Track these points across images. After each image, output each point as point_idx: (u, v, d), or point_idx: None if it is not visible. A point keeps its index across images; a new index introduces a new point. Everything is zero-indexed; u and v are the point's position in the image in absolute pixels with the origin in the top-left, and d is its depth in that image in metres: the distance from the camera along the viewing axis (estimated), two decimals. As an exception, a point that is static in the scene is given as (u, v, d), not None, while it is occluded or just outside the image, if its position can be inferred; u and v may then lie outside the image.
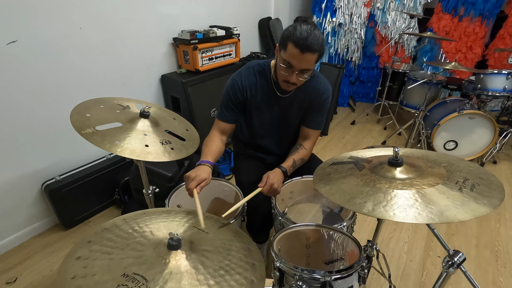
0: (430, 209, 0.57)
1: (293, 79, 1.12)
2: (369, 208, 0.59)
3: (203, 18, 2.54)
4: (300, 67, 1.09)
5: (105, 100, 1.11)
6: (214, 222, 0.93)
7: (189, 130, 1.18)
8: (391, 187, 0.64)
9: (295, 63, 1.08)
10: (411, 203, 0.59)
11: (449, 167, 0.70)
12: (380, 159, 0.78)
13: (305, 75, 1.12)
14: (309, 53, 1.04)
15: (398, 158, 0.70)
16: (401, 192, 0.62)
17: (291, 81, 1.13)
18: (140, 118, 1.04)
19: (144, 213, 0.89)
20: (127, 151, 0.89)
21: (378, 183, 0.67)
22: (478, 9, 3.29)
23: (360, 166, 0.76)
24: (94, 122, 0.95)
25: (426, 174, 0.67)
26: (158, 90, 2.37)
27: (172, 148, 1.01)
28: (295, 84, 1.16)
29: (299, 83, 1.17)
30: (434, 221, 0.53)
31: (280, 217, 1.13)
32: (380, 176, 0.70)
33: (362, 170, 0.74)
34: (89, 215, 2.02)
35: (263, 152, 1.51)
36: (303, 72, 1.11)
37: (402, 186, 0.64)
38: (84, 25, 1.76)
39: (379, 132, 3.32)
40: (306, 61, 1.07)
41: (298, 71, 1.10)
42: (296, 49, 1.04)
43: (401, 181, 0.66)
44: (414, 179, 0.66)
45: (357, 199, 0.63)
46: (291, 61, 1.08)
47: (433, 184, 0.63)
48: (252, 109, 1.35)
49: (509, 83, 2.44)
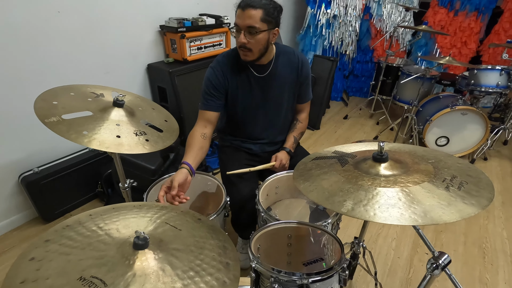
0: (414, 209, 0.52)
1: (241, 39, 1.13)
2: (348, 207, 0.55)
3: (192, 6, 2.44)
4: (244, 24, 1.11)
5: (76, 87, 1.04)
6: (190, 218, 0.88)
7: (168, 121, 1.11)
8: (373, 184, 0.60)
9: (239, 22, 1.12)
10: (394, 202, 0.54)
11: (437, 164, 0.65)
12: (365, 154, 0.73)
13: (254, 36, 1.13)
14: (250, 9, 1.09)
15: (383, 153, 0.65)
16: (384, 190, 0.58)
17: (239, 41, 1.14)
18: (114, 108, 0.97)
19: (114, 208, 0.83)
20: (95, 142, 0.83)
21: (361, 180, 0.62)
22: (474, 4, 3.24)
23: (343, 161, 0.71)
24: (61, 110, 0.88)
25: (412, 171, 0.63)
26: (145, 80, 2.28)
27: (147, 140, 0.94)
28: (248, 48, 1.16)
29: (252, 47, 1.16)
30: (417, 223, 0.49)
31: (263, 213, 1.08)
32: (363, 172, 0.65)
33: (345, 165, 0.69)
34: (70, 208, 1.95)
35: (250, 139, 1.47)
36: (250, 32, 1.12)
37: (386, 183, 0.60)
38: (62, 9, 1.67)
39: (371, 127, 3.28)
40: (248, 17, 1.10)
41: (245, 30, 1.13)
42: (239, 9, 1.12)
43: (385, 178, 0.62)
44: (399, 176, 0.61)
45: (337, 197, 0.58)
46: (236, 22, 1.13)
47: (418, 182, 0.58)
48: (233, 95, 1.34)
49: (503, 79, 2.41)
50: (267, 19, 1.13)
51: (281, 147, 1.46)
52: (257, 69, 1.31)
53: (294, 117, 1.51)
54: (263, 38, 1.17)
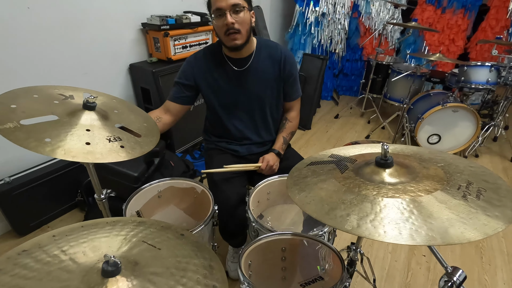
0: (430, 224, 0.44)
1: (229, 20, 1.07)
2: (353, 223, 0.46)
3: (176, 3, 2.34)
4: (228, 4, 1.05)
5: (41, 88, 0.92)
6: (171, 234, 0.78)
7: (147, 125, 1.01)
8: (380, 194, 0.52)
9: (222, 5, 1.06)
10: (406, 217, 0.47)
11: (447, 168, 0.58)
12: (366, 158, 0.66)
13: (240, 14, 1.08)
14: None
15: (387, 157, 0.58)
16: (392, 202, 0.50)
17: (229, 24, 1.07)
18: (84, 111, 0.87)
19: (82, 226, 0.73)
20: (59, 150, 0.72)
21: (364, 189, 0.54)
22: (461, 1, 3.25)
23: (342, 167, 0.64)
24: (20, 115, 0.77)
25: (421, 177, 0.55)
26: (127, 81, 2.16)
27: (122, 146, 0.84)
28: (237, 30, 1.09)
29: (241, 27, 1.10)
30: (437, 242, 0.41)
31: (254, 223, 0.99)
32: (366, 179, 0.57)
33: (345, 171, 0.61)
34: (47, 219, 1.81)
35: (236, 140, 1.39)
36: (235, 11, 1.07)
37: (394, 193, 0.52)
38: (32, 4, 1.53)
39: (363, 126, 3.24)
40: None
41: (230, 11, 1.06)
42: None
43: (391, 186, 0.54)
44: (408, 184, 0.53)
45: (338, 211, 0.50)
46: (218, 6, 1.06)
47: (430, 191, 0.51)
48: (209, 90, 1.28)
49: (492, 75, 2.40)
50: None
51: (270, 148, 1.38)
52: (236, 63, 1.24)
53: (283, 116, 1.43)
54: (247, 17, 1.12)
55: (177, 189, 1.26)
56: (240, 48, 1.17)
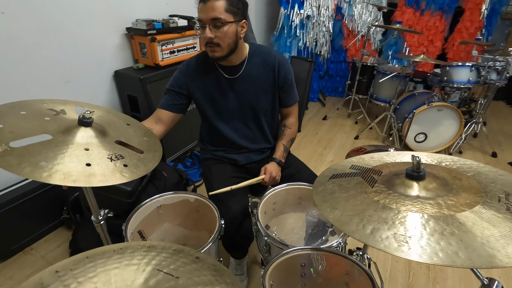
0: (481, 244, 0.42)
1: (206, 34, 1.05)
2: (404, 247, 0.43)
3: (161, 6, 2.25)
4: (208, 17, 1.03)
5: (29, 103, 0.84)
6: (185, 257, 0.72)
7: (148, 139, 0.94)
8: (422, 210, 0.49)
9: (202, 17, 1.04)
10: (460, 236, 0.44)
11: (479, 177, 0.57)
12: (391, 168, 0.64)
13: (220, 28, 1.04)
14: (212, 0, 1.01)
15: (419, 170, 0.56)
16: (436, 220, 0.47)
17: (206, 38, 1.05)
18: (80, 127, 0.79)
19: (87, 257, 0.66)
20: (58, 175, 0.64)
21: (402, 205, 0.51)
22: (438, 4, 3.38)
23: (369, 179, 0.61)
24: (8, 136, 0.68)
25: (457, 189, 0.53)
26: (112, 89, 2.05)
27: (125, 165, 0.77)
28: (216, 44, 1.07)
29: (220, 41, 1.07)
30: (499, 264, 0.39)
31: (266, 237, 0.95)
32: (400, 194, 0.55)
33: (375, 185, 0.58)
34: (30, 241, 1.68)
35: (233, 149, 1.34)
36: (215, 25, 1.04)
37: (438, 209, 0.49)
38: (6, 9, 1.41)
39: (350, 126, 3.28)
40: (211, 9, 1.01)
41: (209, 24, 1.04)
42: (201, 3, 1.04)
43: (430, 200, 0.51)
44: (447, 198, 0.51)
45: (383, 232, 0.46)
46: (199, 17, 1.05)
47: (472, 204, 0.49)
48: (201, 99, 1.24)
49: (473, 75, 2.50)
50: (232, 10, 1.04)
51: (270, 156, 1.35)
52: (228, 71, 1.20)
53: (281, 123, 1.40)
54: (230, 31, 1.07)
55: (178, 203, 1.20)
56: (222, 59, 1.14)
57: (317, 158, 2.65)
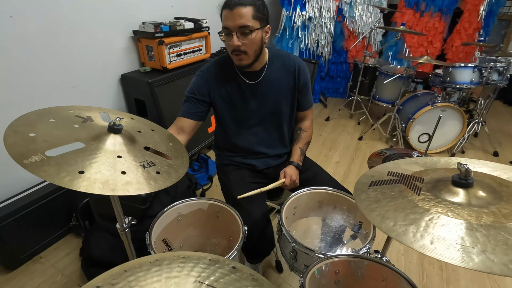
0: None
1: (234, 43, 1.03)
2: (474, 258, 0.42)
3: (166, 9, 2.23)
4: (236, 24, 1.01)
5: (55, 110, 0.82)
6: (222, 267, 0.71)
7: (174, 144, 0.93)
8: (479, 219, 0.49)
9: (230, 24, 1.01)
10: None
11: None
12: (431, 175, 0.64)
13: (248, 36, 1.03)
14: (240, 7, 0.99)
15: (468, 177, 0.56)
16: (498, 230, 0.47)
17: (234, 46, 1.04)
18: (109, 134, 0.77)
19: (125, 270, 0.64)
20: (97, 184, 0.63)
21: (456, 214, 0.51)
22: (437, 5, 3.42)
23: (413, 186, 0.61)
24: (43, 145, 0.66)
25: (507, 196, 0.53)
26: (118, 93, 2.02)
27: (157, 172, 0.76)
28: (243, 51, 1.06)
29: (247, 49, 1.06)
30: None
31: (294, 243, 0.94)
32: (449, 202, 0.54)
33: (420, 193, 0.58)
34: (39, 249, 1.64)
35: (251, 155, 1.33)
36: (243, 32, 1.02)
37: (493, 217, 0.49)
38: (15, 13, 1.38)
39: (353, 127, 3.30)
40: (239, 17, 0.99)
41: (237, 32, 1.02)
42: (226, 10, 1.01)
43: (484, 209, 0.51)
44: (500, 206, 0.51)
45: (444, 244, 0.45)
46: (226, 25, 1.02)
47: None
48: (222, 105, 1.22)
49: (475, 75, 2.54)
50: (258, 16, 1.03)
51: (287, 161, 1.34)
52: (249, 76, 1.19)
53: (296, 126, 1.40)
54: (257, 38, 1.06)
55: (198, 210, 1.18)
56: (248, 67, 1.13)
57: (323, 159, 2.66)
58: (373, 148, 2.87)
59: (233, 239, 1.21)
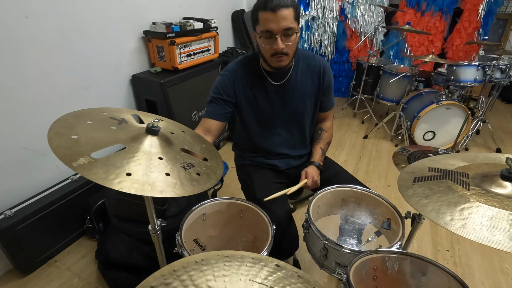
0: None
1: (279, 46, 1.01)
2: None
3: (175, 9, 2.23)
4: (280, 27, 0.98)
5: (89, 112, 0.81)
6: (268, 266, 0.71)
7: (206, 146, 0.93)
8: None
9: (273, 27, 0.98)
10: None
11: None
12: (475, 170, 0.65)
13: (291, 37, 1.02)
14: (283, 9, 0.96)
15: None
16: None
17: (278, 49, 1.02)
18: (147, 136, 0.77)
19: (174, 270, 0.64)
20: (146, 187, 0.62)
21: (511, 207, 0.52)
22: (438, 5, 3.46)
23: (460, 182, 0.62)
24: (86, 147, 0.66)
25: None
26: (129, 93, 2.01)
27: (198, 174, 0.76)
28: (285, 53, 1.05)
29: (289, 50, 1.05)
30: None
31: (326, 241, 0.95)
32: (505, 196, 0.55)
33: (470, 188, 0.59)
34: (53, 253, 1.62)
35: (274, 155, 1.34)
36: (287, 35, 1.01)
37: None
38: (31, 14, 1.36)
39: (358, 126, 3.33)
40: (283, 19, 0.97)
41: (281, 34, 1.00)
42: (268, 12, 0.97)
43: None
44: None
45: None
46: (269, 28, 0.99)
47: None
48: (247, 105, 1.22)
49: (479, 74, 2.58)
50: (297, 17, 1.04)
51: (308, 161, 1.35)
52: (274, 77, 1.19)
53: (317, 127, 1.41)
54: (297, 39, 1.07)
55: (223, 209, 1.18)
56: (284, 68, 1.14)
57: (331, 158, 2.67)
58: (379, 147, 2.90)
59: (258, 238, 1.21)
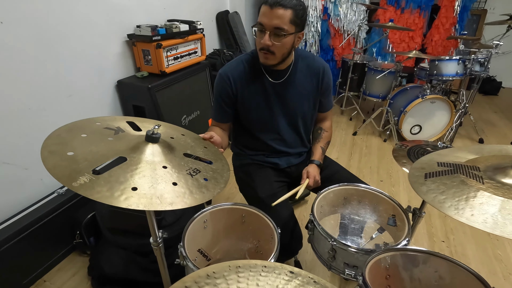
0: None
1: (265, 41, 1.01)
2: None
3: (159, 11, 2.16)
4: (271, 24, 0.98)
5: (82, 125, 0.75)
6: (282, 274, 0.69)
7: (208, 148, 0.89)
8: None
9: (265, 22, 0.99)
10: None
11: None
12: (484, 163, 0.65)
13: (280, 38, 1.01)
14: (279, 7, 0.96)
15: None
16: None
17: (262, 43, 1.02)
18: (147, 144, 0.72)
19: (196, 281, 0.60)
20: (153, 200, 0.58)
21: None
22: (416, 2, 3.57)
23: (473, 176, 0.62)
24: (85, 164, 0.60)
25: None
26: (114, 100, 1.92)
27: (205, 179, 0.72)
28: (271, 52, 1.04)
29: (276, 50, 1.04)
30: None
31: (334, 241, 0.93)
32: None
33: (484, 181, 0.59)
34: (42, 272, 1.52)
35: (274, 154, 1.32)
36: (276, 34, 1.00)
37: None
38: (5, 19, 1.27)
39: (346, 123, 3.36)
40: (276, 17, 0.97)
41: (271, 31, 1.00)
42: (266, 6, 0.98)
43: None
44: None
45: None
46: (262, 21, 1.00)
47: None
48: (246, 104, 1.21)
49: (460, 67, 2.67)
50: (295, 21, 1.02)
51: (308, 159, 1.34)
52: (274, 75, 1.19)
53: (317, 126, 1.41)
54: (288, 42, 1.05)
55: (224, 216, 1.15)
56: (272, 67, 1.13)
57: (324, 156, 2.68)
58: (368, 143, 2.94)
59: (261, 243, 1.18)
